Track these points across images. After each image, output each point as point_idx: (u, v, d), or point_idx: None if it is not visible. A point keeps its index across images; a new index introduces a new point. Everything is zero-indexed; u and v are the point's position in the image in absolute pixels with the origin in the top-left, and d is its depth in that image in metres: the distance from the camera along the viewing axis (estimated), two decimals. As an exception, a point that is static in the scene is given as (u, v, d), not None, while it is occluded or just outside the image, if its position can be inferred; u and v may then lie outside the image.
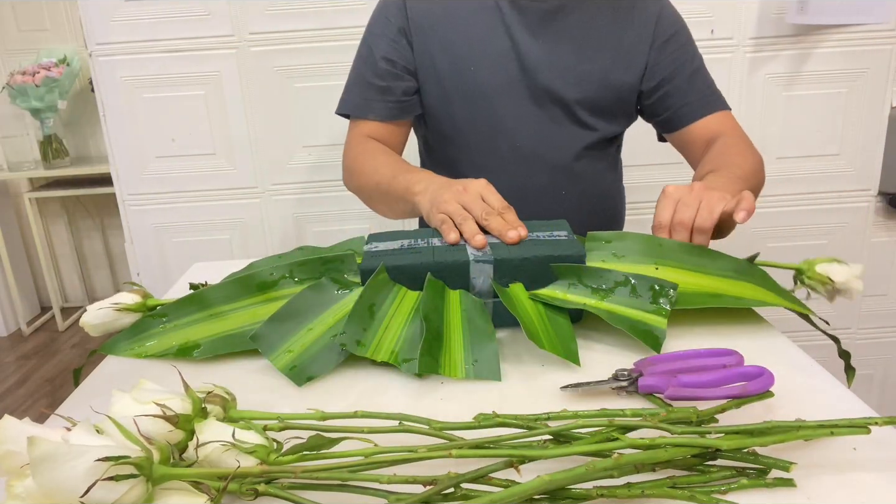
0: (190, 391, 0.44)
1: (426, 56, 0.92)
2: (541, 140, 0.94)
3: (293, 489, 0.40)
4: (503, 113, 0.93)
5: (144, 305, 0.69)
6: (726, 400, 0.47)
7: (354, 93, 0.95)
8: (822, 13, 1.35)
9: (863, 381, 1.70)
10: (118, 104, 1.47)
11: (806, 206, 1.55)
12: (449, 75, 0.92)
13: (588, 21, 0.91)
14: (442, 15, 0.91)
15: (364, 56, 0.94)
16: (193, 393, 0.44)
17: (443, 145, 0.98)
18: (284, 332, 0.61)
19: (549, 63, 0.91)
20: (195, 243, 1.56)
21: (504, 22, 0.90)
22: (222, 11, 1.41)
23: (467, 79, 0.91)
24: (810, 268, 0.67)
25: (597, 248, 0.70)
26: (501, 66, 0.91)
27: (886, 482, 0.42)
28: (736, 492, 0.40)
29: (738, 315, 0.66)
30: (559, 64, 0.91)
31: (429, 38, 0.91)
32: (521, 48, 0.90)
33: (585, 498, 0.40)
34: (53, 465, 0.33)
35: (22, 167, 2.60)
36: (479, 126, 0.94)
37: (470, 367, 0.58)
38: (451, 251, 0.67)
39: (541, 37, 0.91)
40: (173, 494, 0.37)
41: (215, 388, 0.47)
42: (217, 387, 0.47)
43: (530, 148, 0.94)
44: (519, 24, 0.90)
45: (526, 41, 0.90)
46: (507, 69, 0.91)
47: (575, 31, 0.91)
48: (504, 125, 0.93)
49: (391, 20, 0.92)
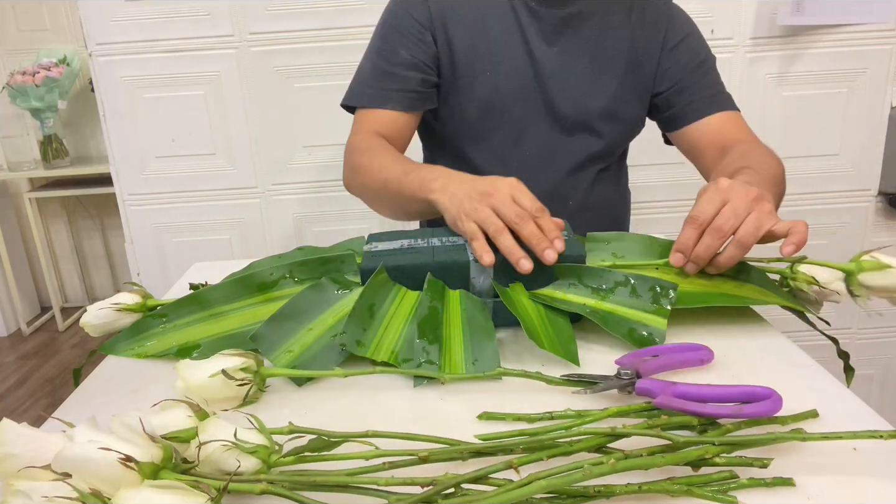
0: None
1: (448, 50, 0.91)
2: (550, 149, 0.94)
3: (294, 489, 0.40)
4: (515, 119, 0.92)
5: (144, 305, 0.69)
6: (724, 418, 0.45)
7: (370, 84, 0.92)
8: (821, 13, 1.35)
9: (863, 381, 1.70)
10: (118, 104, 1.47)
11: (806, 206, 1.55)
12: (466, 75, 0.91)
13: (602, 29, 0.91)
14: (462, 14, 0.90)
15: (380, 47, 0.92)
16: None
17: (456, 145, 0.97)
18: (284, 332, 0.61)
19: (564, 73, 0.91)
20: (195, 243, 1.56)
21: (520, 28, 0.90)
22: (222, 11, 1.41)
23: (483, 82, 0.91)
24: (795, 269, 0.66)
25: (597, 249, 0.70)
26: (516, 73, 0.91)
27: (886, 482, 0.42)
28: (736, 491, 0.40)
29: (739, 315, 0.66)
30: (574, 71, 0.91)
31: (451, 33, 0.90)
32: (537, 56, 0.90)
33: (584, 496, 0.40)
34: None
35: (22, 167, 2.60)
36: (491, 130, 0.93)
37: (470, 366, 0.58)
38: (452, 251, 0.67)
39: (556, 45, 0.90)
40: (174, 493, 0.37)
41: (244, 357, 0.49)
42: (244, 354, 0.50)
43: (539, 156, 0.94)
44: (535, 30, 0.90)
45: (541, 49, 0.90)
46: (522, 76, 0.91)
47: (590, 40, 0.91)
48: (515, 132, 0.93)
49: (412, 13, 0.90)
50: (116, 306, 0.67)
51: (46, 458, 0.37)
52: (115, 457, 0.36)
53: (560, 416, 0.48)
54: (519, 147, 0.94)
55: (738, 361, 0.58)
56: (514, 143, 0.94)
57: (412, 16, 0.91)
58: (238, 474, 0.40)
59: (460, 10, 0.91)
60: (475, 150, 0.95)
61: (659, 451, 0.41)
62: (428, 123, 0.99)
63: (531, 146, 0.94)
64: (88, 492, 0.35)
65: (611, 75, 0.92)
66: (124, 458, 0.36)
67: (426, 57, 0.91)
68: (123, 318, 0.67)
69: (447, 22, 0.90)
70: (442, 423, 0.51)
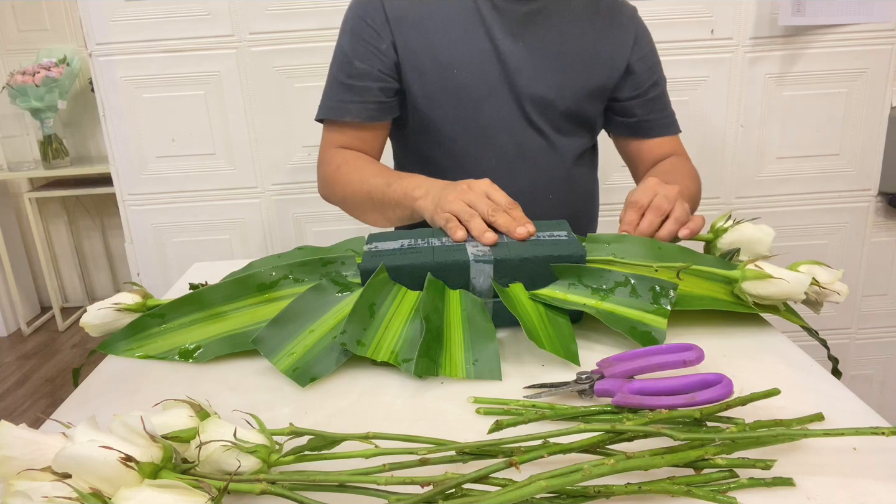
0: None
1: (410, 55, 0.89)
2: (525, 145, 0.93)
3: (294, 489, 0.40)
4: (488, 116, 0.91)
5: (144, 305, 0.68)
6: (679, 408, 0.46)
7: (329, 96, 0.92)
8: (821, 13, 1.35)
9: (863, 381, 1.70)
10: (118, 104, 1.47)
11: (806, 206, 1.55)
12: (433, 77, 0.89)
13: (567, 25, 0.91)
14: (422, 14, 0.89)
15: (338, 58, 0.91)
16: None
17: (426, 148, 0.95)
18: (286, 334, 0.61)
19: (531, 67, 0.90)
20: (195, 243, 1.56)
21: (484, 23, 0.89)
22: (222, 11, 1.41)
23: (451, 81, 0.89)
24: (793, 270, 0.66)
25: (597, 249, 0.70)
26: (483, 70, 0.90)
27: (886, 482, 0.42)
28: (736, 491, 0.40)
29: (738, 315, 0.66)
30: (541, 68, 0.90)
31: (411, 37, 0.89)
32: (502, 50, 0.89)
33: (584, 495, 0.40)
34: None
35: (22, 167, 2.59)
36: (465, 129, 0.92)
37: (470, 366, 0.58)
38: (451, 251, 0.67)
39: (521, 39, 0.89)
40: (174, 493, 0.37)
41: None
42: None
43: (515, 153, 0.93)
44: (499, 25, 0.89)
45: (507, 44, 0.89)
46: (490, 72, 0.90)
47: (555, 35, 0.90)
48: (489, 129, 0.92)
49: (366, 20, 0.89)
50: (116, 306, 0.67)
51: (45, 460, 0.37)
52: (116, 456, 0.36)
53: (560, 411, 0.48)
54: (494, 145, 0.93)
55: (738, 361, 0.58)
56: (488, 141, 0.92)
57: (367, 23, 0.89)
58: (238, 474, 0.40)
59: (419, 10, 0.89)
60: (450, 150, 0.94)
61: (659, 452, 0.41)
62: (398, 124, 0.97)
63: (506, 143, 0.93)
64: (88, 492, 0.35)
65: (578, 71, 0.92)
66: (124, 458, 0.36)
67: (383, 65, 0.89)
68: (123, 318, 0.67)
69: (406, 25, 0.89)
70: (442, 423, 0.51)
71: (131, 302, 0.68)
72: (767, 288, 0.62)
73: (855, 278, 1.60)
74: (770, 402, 0.48)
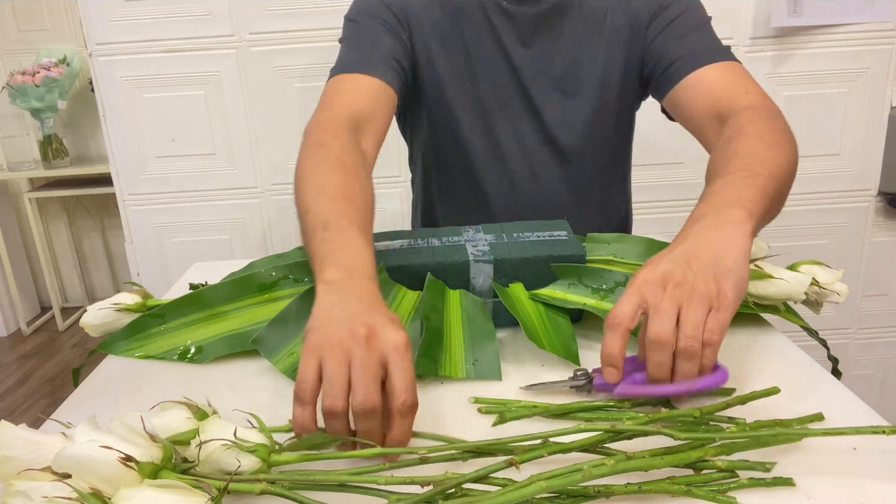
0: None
1: (425, 59, 0.85)
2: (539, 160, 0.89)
3: (294, 489, 0.40)
4: (500, 131, 0.87)
5: (144, 305, 0.68)
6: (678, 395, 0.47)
7: (349, 58, 0.82)
8: (818, 14, 1.35)
9: (863, 381, 1.70)
10: (118, 104, 1.47)
11: (806, 206, 1.55)
12: (451, 85, 0.86)
13: (581, 20, 0.84)
14: (433, 20, 0.84)
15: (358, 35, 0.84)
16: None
17: (446, 163, 0.92)
18: (286, 335, 0.61)
19: (545, 79, 0.85)
20: (195, 243, 1.56)
21: (493, 30, 0.84)
22: (222, 11, 1.41)
23: (468, 91, 0.86)
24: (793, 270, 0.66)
25: (597, 249, 0.70)
26: (496, 81, 0.85)
27: (886, 482, 0.42)
28: (735, 491, 0.40)
29: (738, 315, 0.66)
30: (553, 78, 0.85)
31: (429, 40, 0.84)
32: (514, 60, 0.84)
33: (584, 495, 0.40)
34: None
35: (22, 167, 2.59)
36: (480, 143, 0.88)
37: (470, 366, 0.58)
38: (452, 251, 0.67)
39: (533, 46, 0.84)
40: (174, 493, 0.37)
41: None
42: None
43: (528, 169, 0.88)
44: (509, 32, 0.84)
45: (518, 52, 0.84)
46: (502, 84, 0.85)
47: (568, 36, 0.84)
48: (501, 146, 0.88)
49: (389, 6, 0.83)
50: (116, 306, 0.67)
51: (45, 460, 0.36)
52: (116, 456, 0.36)
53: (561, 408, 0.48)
54: (505, 163, 0.88)
55: (739, 361, 0.58)
56: (499, 159, 0.88)
57: (390, 9, 0.83)
58: (238, 474, 0.40)
59: (431, 15, 0.84)
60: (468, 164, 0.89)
61: (659, 452, 0.41)
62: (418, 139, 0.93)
63: (517, 159, 0.88)
64: (88, 492, 0.35)
65: (595, 74, 0.85)
66: (124, 458, 0.36)
67: (404, 51, 0.83)
68: (123, 318, 0.67)
69: (423, 29, 0.84)
70: (442, 422, 0.51)
71: (131, 302, 0.68)
72: (767, 288, 0.62)
73: (855, 278, 1.60)
74: (770, 402, 0.48)
